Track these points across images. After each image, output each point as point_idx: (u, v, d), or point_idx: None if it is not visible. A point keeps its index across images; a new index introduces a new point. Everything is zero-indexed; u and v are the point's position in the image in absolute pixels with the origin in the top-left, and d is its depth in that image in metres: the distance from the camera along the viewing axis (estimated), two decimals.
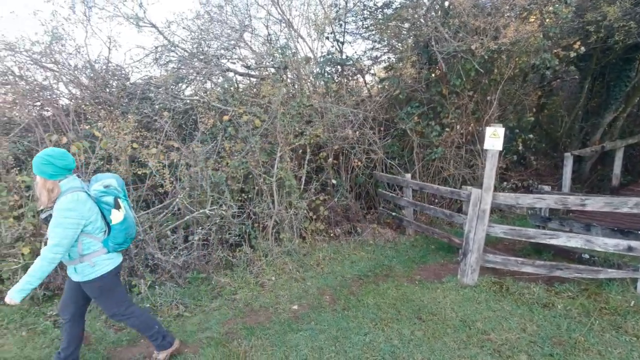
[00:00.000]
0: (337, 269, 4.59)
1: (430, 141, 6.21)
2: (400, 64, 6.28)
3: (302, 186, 4.95)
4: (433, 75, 6.41)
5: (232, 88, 4.70)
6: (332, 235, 5.44)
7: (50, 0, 4.65)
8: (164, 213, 4.05)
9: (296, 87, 4.79)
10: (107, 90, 4.57)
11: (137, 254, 3.85)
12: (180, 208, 4.07)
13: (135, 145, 4.08)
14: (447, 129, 6.21)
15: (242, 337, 3.13)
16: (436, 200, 6.49)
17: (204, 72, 5.30)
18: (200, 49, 5.73)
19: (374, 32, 7.22)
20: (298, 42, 5.83)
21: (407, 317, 3.41)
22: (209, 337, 3.15)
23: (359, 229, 5.64)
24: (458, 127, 6.33)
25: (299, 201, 4.76)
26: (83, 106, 4.42)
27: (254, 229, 4.64)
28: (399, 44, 6.93)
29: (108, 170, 4.00)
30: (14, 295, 2.21)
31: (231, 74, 5.80)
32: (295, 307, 3.73)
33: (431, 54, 6.00)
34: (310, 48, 6.10)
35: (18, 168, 3.60)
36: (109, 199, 2.49)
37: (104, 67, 5.13)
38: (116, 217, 2.48)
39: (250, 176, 4.48)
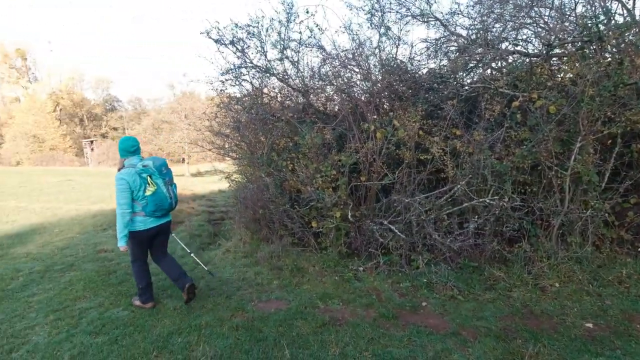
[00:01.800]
0: None
1: None
2: None
3: (604, 184, 4.06)
4: None
5: (522, 72, 4.33)
6: None
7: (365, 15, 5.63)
8: (443, 198, 4.25)
9: (611, 62, 3.89)
10: (398, 84, 5.16)
11: (417, 232, 4.24)
12: (459, 195, 4.16)
13: (421, 132, 4.44)
14: None
15: (524, 339, 2.94)
16: None
17: (486, 58, 5.11)
18: (481, 35, 5.55)
19: None
20: (611, 4, 4.69)
21: None
22: (485, 328, 3.12)
23: None
24: None
25: (598, 202, 3.94)
26: (378, 100, 5.17)
27: (534, 225, 4.21)
28: None
29: (397, 155, 4.55)
30: (118, 243, 3.37)
31: (514, 57, 5.35)
32: (590, 325, 3.17)
33: None
34: (627, 9, 4.80)
35: (336, 149, 4.62)
36: (145, 176, 3.31)
37: (394, 63, 5.79)
38: (148, 190, 3.33)
39: (539, 168, 4.05)
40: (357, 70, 5.82)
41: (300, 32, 5.10)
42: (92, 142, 37.23)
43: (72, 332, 3.19)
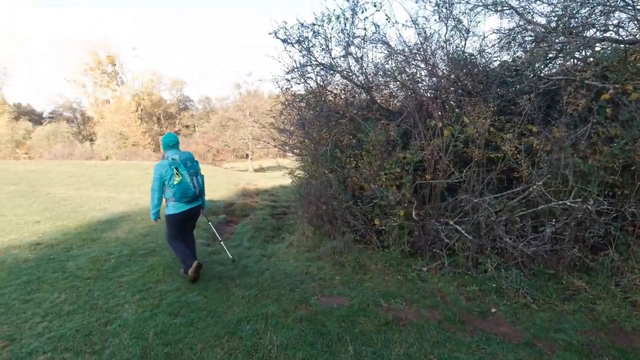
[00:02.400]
0: None
1: None
2: None
3: None
4: None
5: (614, 61, 3.88)
6: None
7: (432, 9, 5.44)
8: (516, 199, 3.99)
9: None
10: (467, 78, 4.92)
11: (486, 234, 4.03)
12: (534, 196, 3.87)
13: (492, 129, 4.20)
14: None
15: (613, 357, 2.67)
16: None
17: (569, 47, 4.67)
18: (563, 22, 5.07)
19: None
20: None
21: None
22: (565, 341, 2.89)
23: None
24: None
25: None
26: (445, 95, 4.98)
27: (624, 232, 3.78)
28: None
29: (465, 153, 4.36)
30: (151, 218, 4.21)
31: (602, 45, 4.81)
32: None
33: None
34: None
35: (401, 147, 4.54)
36: (173, 167, 3.96)
37: (462, 57, 5.52)
38: (175, 179, 3.95)
39: (632, 168, 3.62)
40: (422, 65, 5.66)
41: (364, 29, 5.08)
42: None
43: (154, 311, 3.52)
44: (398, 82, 5.69)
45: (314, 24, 5.12)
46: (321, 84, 5.57)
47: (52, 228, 6.69)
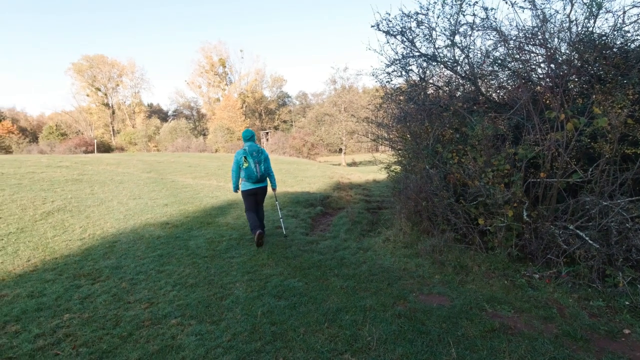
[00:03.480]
0: None
1: None
2: None
3: None
4: None
5: None
6: None
7: None
8: None
9: None
10: (600, 61, 4.27)
11: (617, 243, 3.49)
12: None
13: (629, 121, 3.61)
14: None
15: None
16: None
17: None
18: None
19: None
20: None
21: None
22: None
23: None
24: None
25: None
26: (567, 84, 4.40)
27: None
28: None
29: (592, 149, 3.83)
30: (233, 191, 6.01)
31: None
32: None
33: None
34: None
35: (510, 141, 4.18)
36: (243, 155, 5.38)
37: (589, 38, 4.80)
38: (244, 165, 5.37)
39: None
40: (538, 51, 5.08)
41: (473, 15, 4.75)
42: (267, 133, 43.55)
43: (261, 292, 3.86)
44: (508, 71, 5.21)
45: (417, 13, 4.97)
46: (423, 76, 5.39)
47: (177, 211, 7.74)
